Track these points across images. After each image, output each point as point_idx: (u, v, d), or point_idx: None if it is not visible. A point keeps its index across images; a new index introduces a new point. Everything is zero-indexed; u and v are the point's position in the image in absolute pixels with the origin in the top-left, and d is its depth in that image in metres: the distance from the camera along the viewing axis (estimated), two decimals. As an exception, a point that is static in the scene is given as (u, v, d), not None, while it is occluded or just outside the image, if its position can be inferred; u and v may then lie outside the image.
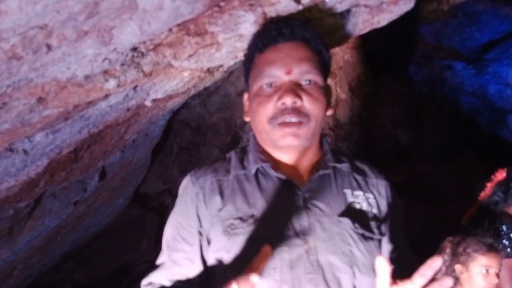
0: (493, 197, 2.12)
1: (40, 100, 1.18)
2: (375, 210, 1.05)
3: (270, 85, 0.99)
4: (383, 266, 0.82)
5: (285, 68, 0.97)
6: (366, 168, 1.13)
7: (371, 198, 1.06)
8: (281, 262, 0.94)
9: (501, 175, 2.15)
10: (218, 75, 2.14)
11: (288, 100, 0.95)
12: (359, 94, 6.86)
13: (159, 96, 1.86)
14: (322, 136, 1.12)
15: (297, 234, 0.96)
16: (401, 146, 7.69)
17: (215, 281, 0.99)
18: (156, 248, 3.96)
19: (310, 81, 0.99)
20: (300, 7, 1.02)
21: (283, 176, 1.02)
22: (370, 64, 6.94)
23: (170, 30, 0.98)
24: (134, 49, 1.15)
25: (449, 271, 1.86)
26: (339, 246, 0.96)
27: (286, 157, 1.06)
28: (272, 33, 1.00)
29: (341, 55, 6.01)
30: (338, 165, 1.07)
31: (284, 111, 0.96)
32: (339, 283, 0.94)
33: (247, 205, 1.00)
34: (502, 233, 2.01)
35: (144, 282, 1.08)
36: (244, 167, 1.07)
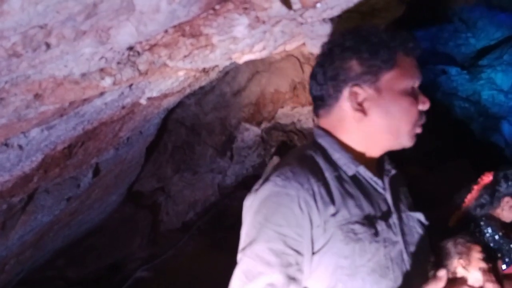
0: (479, 200, 2.15)
1: (36, 96, 1.20)
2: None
3: (414, 89, 1.05)
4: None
5: (419, 80, 1.06)
6: (391, 162, 1.18)
7: (407, 191, 1.16)
8: (391, 261, 0.99)
9: (487, 178, 2.18)
10: (213, 75, 2.16)
11: (427, 105, 1.05)
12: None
13: (154, 94, 1.88)
14: None
15: (394, 232, 1.02)
16: (395, 151, 7.73)
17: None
18: (148, 246, 3.98)
19: None
20: (292, 12, 1.05)
21: (372, 176, 1.05)
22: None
23: (166, 31, 1.01)
24: (131, 48, 1.18)
25: (449, 273, 1.89)
26: (418, 239, 1.06)
27: (370, 158, 1.08)
28: (414, 45, 1.06)
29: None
30: (389, 163, 1.15)
31: (422, 117, 1.05)
32: (425, 272, 1.07)
33: (358, 209, 0.98)
34: (488, 235, 2.05)
35: None
36: (337, 168, 1.02)
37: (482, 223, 2.09)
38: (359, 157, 1.05)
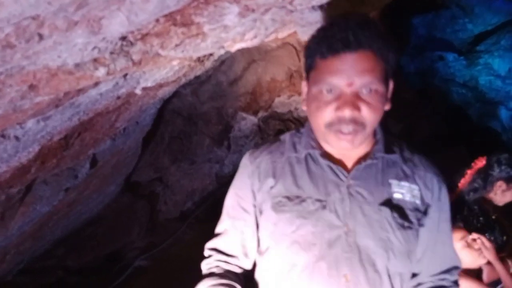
0: (472, 184, 2.18)
1: (31, 87, 1.22)
2: (418, 202, 1.09)
3: (330, 91, 0.99)
4: None
5: (347, 80, 0.96)
6: (416, 159, 1.16)
7: (416, 189, 1.10)
8: (321, 240, 1.04)
9: (481, 162, 2.21)
10: (208, 64, 2.16)
11: (347, 113, 0.97)
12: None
13: (149, 84, 1.89)
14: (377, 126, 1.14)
15: (339, 217, 1.05)
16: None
17: (261, 252, 1.15)
18: (147, 236, 4.01)
19: (371, 90, 0.98)
20: (280, 0, 1.06)
21: (330, 163, 1.09)
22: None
23: (157, 20, 1.02)
24: (123, 38, 1.19)
25: None
26: (377, 232, 1.04)
27: (335, 151, 1.11)
28: (338, 42, 0.96)
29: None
30: (387, 156, 1.12)
31: (341, 120, 0.98)
32: (374, 264, 1.03)
33: (295, 186, 1.09)
34: (481, 218, 2.08)
35: (209, 245, 1.22)
36: (296, 150, 1.15)
37: (475, 207, 2.13)
38: (320, 144, 1.13)
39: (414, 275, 1.14)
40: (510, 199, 2.19)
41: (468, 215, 2.09)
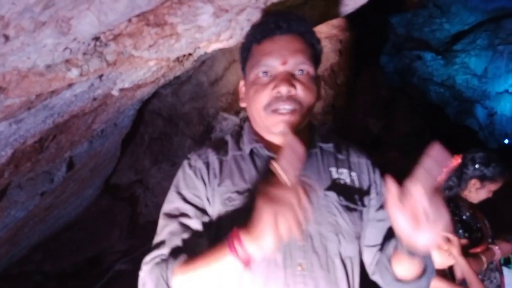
0: (447, 182, 2.22)
1: (1, 89, 1.18)
2: (357, 185, 1.15)
3: (266, 73, 1.06)
4: (391, 184, 0.88)
5: (281, 59, 1.04)
6: (349, 148, 1.22)
7: (354, 174, 1.16)
8: None
9: (456, 161, 2.25)
10: (188, 65, 2.14)
11: (284, 89, 1.03)
12: (332, 85, 6.96)
13: (126, 85, 1.86)
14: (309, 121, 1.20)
15: None
16: (373, 135, 7.85)
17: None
18: (127, 239, 3.96)
19: (303, 71, 1.06)
20: (253, 1, 1.05)
21: (274, 155, 1.11)
22: (343, 55, 7.02)
23: (129, 20, 1.00)
24: (96, 38, 1.16)
25: None
26: (325, 217, 1.06)
27: (278, 139, 1.14)
28: (270, 26, 1.06)
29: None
30: (324, 145, 1.17)
31: (279, 99, 1.04)
32: (326, 250, 1.05)
33: (243, 181, 1.09)
34: (455, 216, 2.12)
35: (156, 253, 1.05)
36: (240, 149, 1.16)
37: (450, 204, 2.16)
38: (262, 139, 1.16)
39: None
40: (485, 197, 2.22)
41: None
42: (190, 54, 1.99)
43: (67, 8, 0.83)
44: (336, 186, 1.11)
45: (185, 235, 1.06)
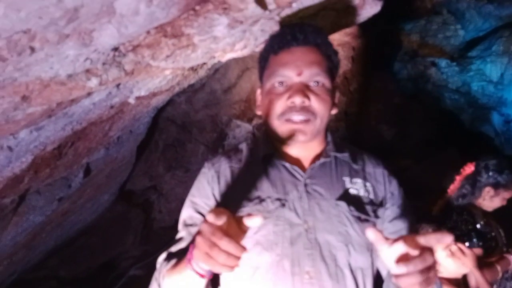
0: (461, 190, 2.21)
1: (24, 98, 1.23)
2: (372, 196, 1.15)
3: (282, 83, 1.10)
4: (373, 233, 0.88)
5: (297, 70, 1.08)
6: (365, 157, 1.23)
7: (369, 185, 1.16)
8: (283, 239, 1.05)
9: (469, 169, 2.24)
10: (202, 73, 2.18)
11: (298, 100, 1.06)
12: (345, 91, 6.95)
13: (143, 93, 1.90)
14: (327, 130, 1.23)
15: (298, 215, 1.07)
16: (385, 142, 7.80)
17: None
18: (141, 244, 4.00)
19: (318, 82, 1.09)
20: (267, 13, 1.08)
21: (287, 164, 1.13)
22: (355, 62, 7.02)
23: (148, 32, 1.03)
24: (115, 49, 1.20)
25: None
26: (336, 226, 1.07)
27: (292, 149, 1.17)
28: (287, 37, 1.10)
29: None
30: (339, 155, 1.19)
31: (292, 108, 1.08)
32: (335, 259, 1.05)
33: (254, 188, 1.12)
34: (469, 224, 2.10)
35: (163, 255, 1.18)
36: (254, 156, 1.19)
37: (464, 212, 2.15)
38: (277, 147, 1.18)
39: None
40: (499, 205, 2.21)
41: (457, 220, 2.11)
42: (204, 63, 2.03)
43: (90, 21, 0.87)
44: (348, 196, 1.11)
45: (189, 243, 1.13)
